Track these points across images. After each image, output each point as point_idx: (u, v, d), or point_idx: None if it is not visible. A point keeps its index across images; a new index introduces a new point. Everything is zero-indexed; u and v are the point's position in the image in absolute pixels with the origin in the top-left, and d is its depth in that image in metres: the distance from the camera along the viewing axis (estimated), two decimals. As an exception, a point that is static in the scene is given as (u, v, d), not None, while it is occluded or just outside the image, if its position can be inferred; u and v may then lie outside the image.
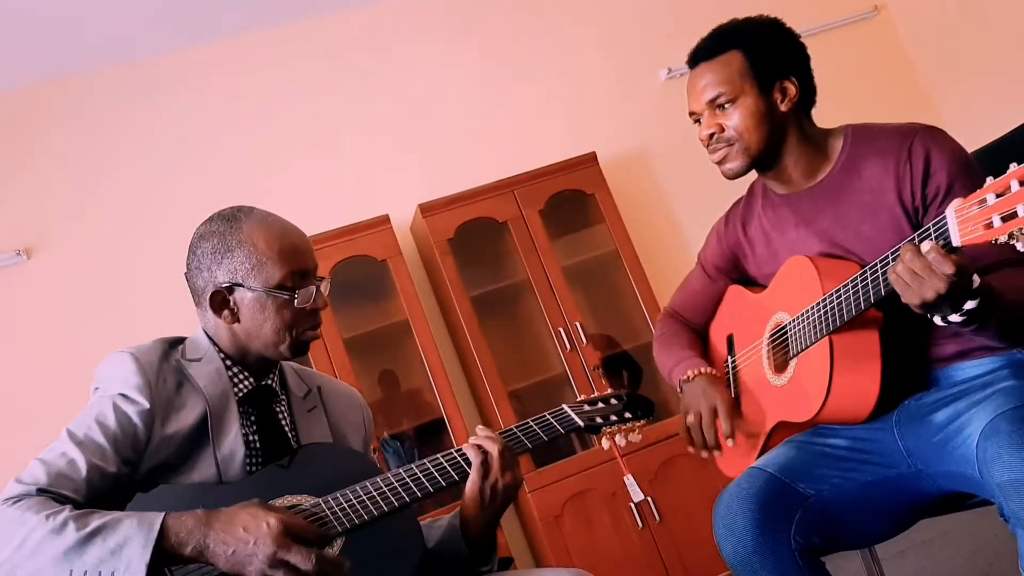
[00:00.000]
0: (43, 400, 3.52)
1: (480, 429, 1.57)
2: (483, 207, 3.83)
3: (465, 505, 1.56)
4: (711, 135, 1.80)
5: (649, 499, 3.50)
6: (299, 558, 1.30)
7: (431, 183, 3.99)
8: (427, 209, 3.76)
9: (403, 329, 3.70)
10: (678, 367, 1.99)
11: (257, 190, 3.87)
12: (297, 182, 3.97)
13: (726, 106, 1.77)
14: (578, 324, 3.74)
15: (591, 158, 3.97)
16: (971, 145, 2.00)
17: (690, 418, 1.86)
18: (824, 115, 1.85)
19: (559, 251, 3.89)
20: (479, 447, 1.54)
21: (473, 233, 3.83)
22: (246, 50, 4.10)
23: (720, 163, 1.81)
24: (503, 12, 4.37)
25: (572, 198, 3.97)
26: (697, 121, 1.84)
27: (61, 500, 1.37)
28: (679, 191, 4.28)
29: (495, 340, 3.78)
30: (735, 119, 1.77)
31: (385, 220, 3.74)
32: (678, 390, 1.96)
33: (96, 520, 1.32)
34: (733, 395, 1.94)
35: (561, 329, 3.73)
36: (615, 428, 1.68)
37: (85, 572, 1.28)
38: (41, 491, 1.37)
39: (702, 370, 1.93)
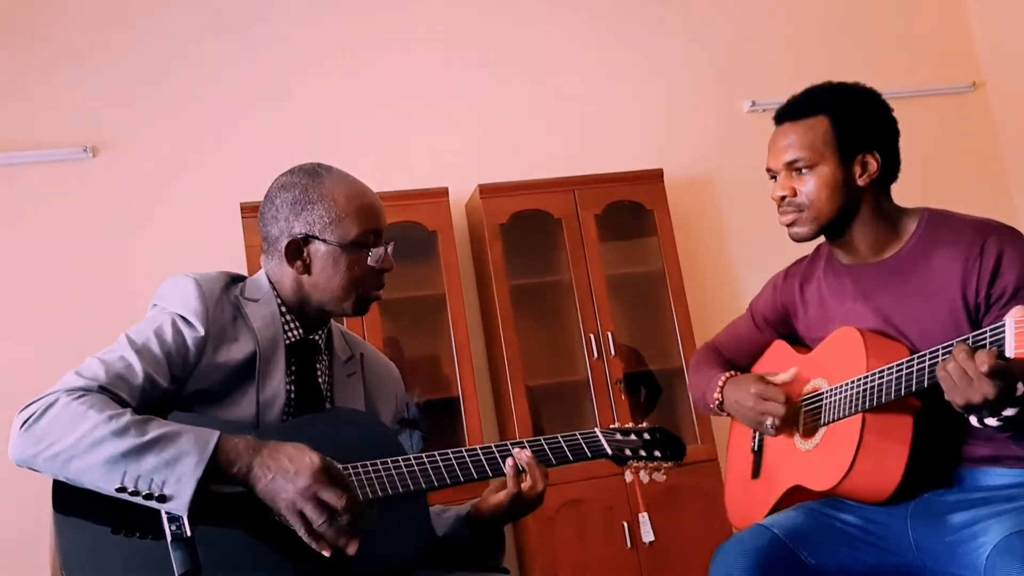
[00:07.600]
0: (98, 296, 3.62)
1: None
2: (541, 200, 3.84)
3: (486, 505, 1.60)
4: (783, 197, 1.79)
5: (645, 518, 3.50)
6: (331, 495, 1.36)
7: (495, 166, 4.00)
8: (487, 191, 3.78)
9: (438, 302, 3.73)
10: (708, 388, 1.99)
11: (326, 132, 3.93)
12: (367, 136, 3.99)
13: (803, 171, 1.77)
14: (610, 334, 3.74)
15: (657, 174, 3.96)
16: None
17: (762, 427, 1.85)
18: (899, 181, 1.82)
19: (607, 258, 3.89)
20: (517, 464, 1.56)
21: (526, 223, 3.84)
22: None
23: (788, 226, 1.81)
24: (600, 10, 4.35)
25: (631, 209, 3.96)
26: (773, 177, 1.83)
27: (119, 402, 1.41)
28: (739, 225, 4.26)
29: (525, 332, 3.80)
30: (809, 186, 1.76)
31: (443, 192, 3.76)
32: (715, 407, 1.96)
33: (156, 429, 1.36)
34: (757, 447, 1.94)
35: (592, 336, 3.74)
36: (642, 464, 1.68)
37: (138, 477, 1.32)
38: (102, 388, 1.40)
39: (724, 378, 1.94)
